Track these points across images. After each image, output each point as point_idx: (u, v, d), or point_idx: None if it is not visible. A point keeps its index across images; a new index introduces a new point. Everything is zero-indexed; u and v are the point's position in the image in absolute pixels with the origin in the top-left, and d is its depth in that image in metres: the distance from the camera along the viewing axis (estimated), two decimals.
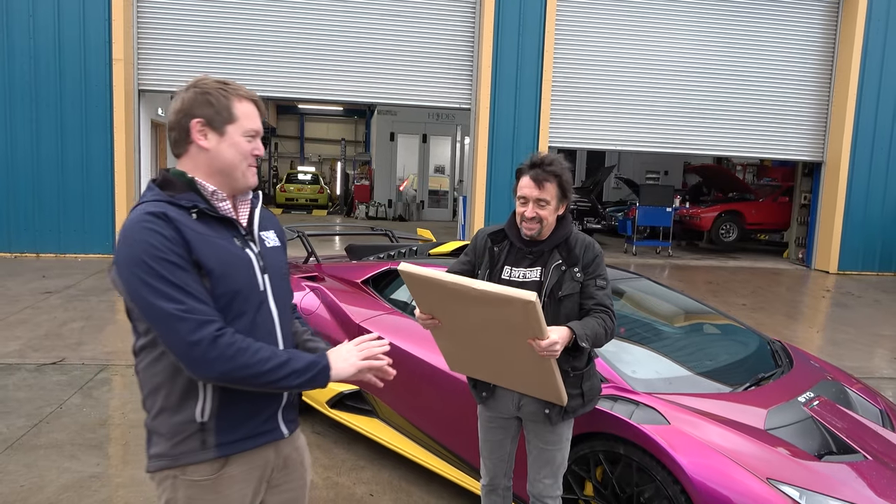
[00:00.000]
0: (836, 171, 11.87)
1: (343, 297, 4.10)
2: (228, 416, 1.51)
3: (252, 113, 1.57)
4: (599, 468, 2.66)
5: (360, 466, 3.72)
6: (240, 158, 1.56)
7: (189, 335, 1.40)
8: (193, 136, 1.53)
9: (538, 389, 2.20)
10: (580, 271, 2.28)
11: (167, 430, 1.50)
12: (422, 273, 2.02)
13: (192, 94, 1.53)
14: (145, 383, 1.53)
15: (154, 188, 1.52)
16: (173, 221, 1.45)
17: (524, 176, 2.30)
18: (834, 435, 2.68)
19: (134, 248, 1.41)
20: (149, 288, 1.40)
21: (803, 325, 8.09)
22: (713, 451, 2.38)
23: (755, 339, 3.63)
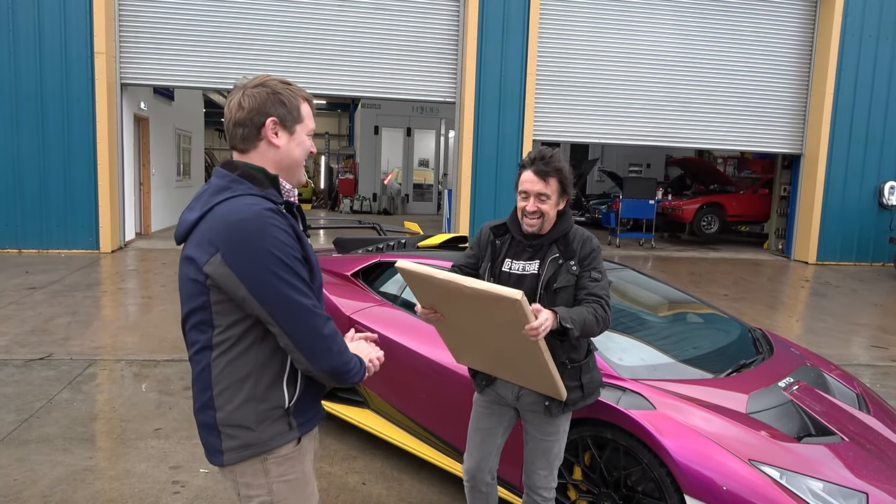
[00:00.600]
0: (815, 163, 12.09)
1: (333, 289, 4.14)
2: (303, 399, 1.65)
3: (310, 113, 1.67)
4: (588, 453, 2.74)
5: (352, 456, 3.77)
6: (304, 155, 1.66)
7: (322, 328, 1.52)
8: (267, 133, 1.59)
9: (537, 384, 2.25)
10: (576, 265, 2.33)
11: (254, 419, 1.57)
12: (418, 270, 2.09)
13: (263, 93, 1.59)
14: (223, 377, 1.56)
15: (242, 181, 1.56)
16: (288, 219, 1.55)
17: (526, 171, 2.35)
18: (812, 418, 2.77)
19: (266, 244, 1.46)
20: (286, 284, 1.48)
21: (783, 314, 8.26)
22: (697, 435, 2.46)
23: (737, 328, 3.73)
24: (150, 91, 12.14)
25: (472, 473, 2.51)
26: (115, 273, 8.70)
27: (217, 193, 1.55)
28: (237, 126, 1.60)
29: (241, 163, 1.61)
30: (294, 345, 1.52)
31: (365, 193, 20.77)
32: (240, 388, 1.56)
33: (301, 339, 1.51)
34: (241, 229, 1.47)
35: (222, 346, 1.56)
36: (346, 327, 3.89)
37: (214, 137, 26.57)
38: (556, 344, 2.24)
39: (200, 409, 1.62)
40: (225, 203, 1.52)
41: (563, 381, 2.33)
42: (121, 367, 5.12)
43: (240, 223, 1.47)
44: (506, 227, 2.46)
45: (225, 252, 1.47)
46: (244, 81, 1.63)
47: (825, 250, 12.21)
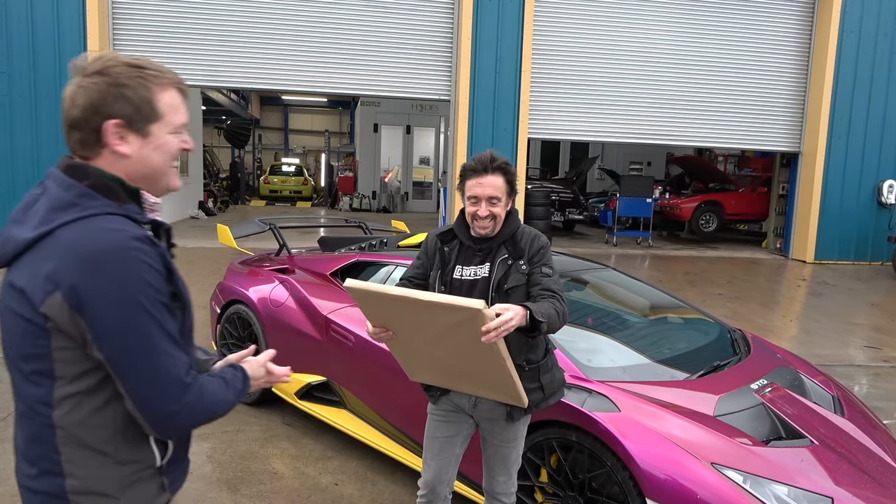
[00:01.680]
0: (813, 161, 12.01)
1: (311, 289, 4.12)
2: (176, 452, 1.39)
3: (177, 102, 1.31)
4: (553, 455, 2.71)
5: (328, 456, 3.75)
6: (167, 161, 1.31)
7: (174, 403, 1.22)
8: (109, 139, 1.23)
9: (498, 392, 2.20)
10: (525, 264, 2.29)
11: (116, 485, 1.27)
12: (370, 288, 2.03)
13: (101, 84, 1.21)
14: (76, 438, 1.23)
15: (95, 196, 1.22)
16: (158, 247, 1.22)
17: (474, 176, 2.29)
18: (783, 421, 2.74)
19: (129, 287, 1.16)
20: (143, 339, 1.19)
21: (778, 313, 8.20)
22: (660, 438, 2.43)
23: (715, 328, 3.69)
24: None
25: (430, 486, 2.40)
26: None
27: (60, 210, 1.20)
28: (72, 129, 1.24)
29: (92, 169, 1.24)
30: (136, 409, 1.23)
31: (364, 191, 20.76)
32: (95, 451, 1.25)
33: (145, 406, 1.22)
34: (98, 264, 1.15)
35: (67, 403, 1.22)
36: (322, 327, 3.87)
37: (213, 135, 26.60)
38: (512, 344, 2.20)
39: (40, 475, 1.25)
40: (73, 226, 1.18)
41: (522, 383, 2.29)
42: None
43: (96, 255, 1.15)
44: (453, 233, 2.41)
45: (70, 292, 1.15)
46: (82, 62, 1.25)
47: (823, 249, 12.14)
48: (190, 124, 4.69)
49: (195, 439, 3.86)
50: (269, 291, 4.30)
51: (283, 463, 3.67)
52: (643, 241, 13.60)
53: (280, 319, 4.13)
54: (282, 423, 4.16)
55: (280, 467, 3.62)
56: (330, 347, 3.79)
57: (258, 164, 29.09)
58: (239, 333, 4.45)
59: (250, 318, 4.33)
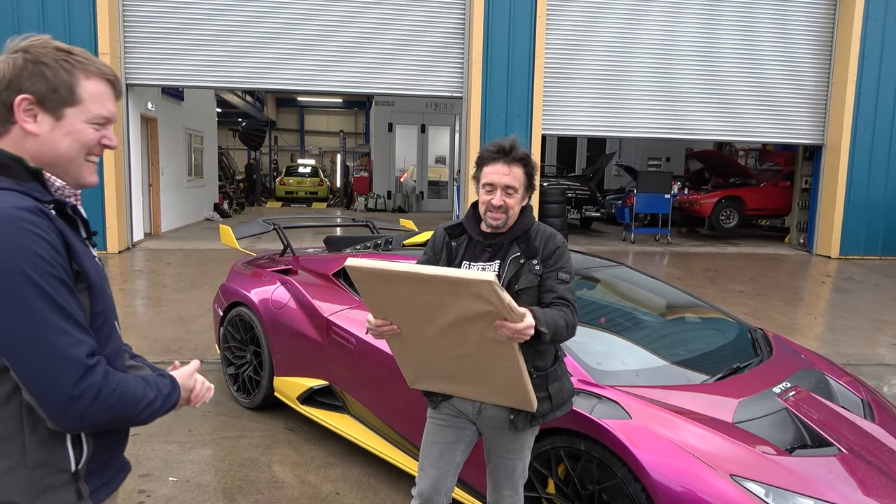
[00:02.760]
0: (837, 153, 11.66)
1: (313, 290, 3.99)
2: (100, 456, 1.28)
3: (103, 94, 1.27)
4: (561, 465, 2.55)
5: (330, 464, 3.62)
6: (77, 150, 1.26)
7: (73, 387, 1.12)
8: (17, 115, 1.20)
9: (505, 394, 2.03)
10: (539, 264, 2.14)
11: (25, 491, 1.17)
12: (370, 265, 1.85)
13: (21, 60, 1.20)
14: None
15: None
16: (54, 222, 1.16)
17: (492, 163, 2.16)
18: (809, 427, 2.55)
19: (14, 257, 1.08)
20: (30, 312, 1.09)
21: (801, 311, 7.93)
22: (675, 447, 2.26)
23: (734, 328, 3.50)
24: (158, 91, 12.14)
25: (426, 496, 2.23)
26: (120, 274, 8.68)
27: None
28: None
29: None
30: (33, 398, 1.12)
31: (380, 191, 20.68)
32: (1, 452, 1.16)
33: (42, 393, 1.11)
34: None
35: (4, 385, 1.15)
36: (324, 330, 3.75)
37: (229, 137, 26.71)
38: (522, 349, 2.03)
39: None
40: None
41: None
42: None
43: None
44: (462, 227, 2.26)
45: None
46: (13, 40, 1.24)
47: (849, 244, 11.78)
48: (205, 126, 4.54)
49: (196, 446, 3.77)
50: (270, 293, 4.19)
51: (283, 471, 3.55)
52: (662, 238, 13.33)
53: (282, 322, 4.01)
54: (284, 429, 4.04)
55: (281, 475, 3.50)
56: (332, 350, 3.67)
57: (274, 166, 29.17)
58: (241, 336, 4.34)
59: (252, 320, 4.22)
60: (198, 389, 1.44)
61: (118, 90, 1.34)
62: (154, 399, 1.27)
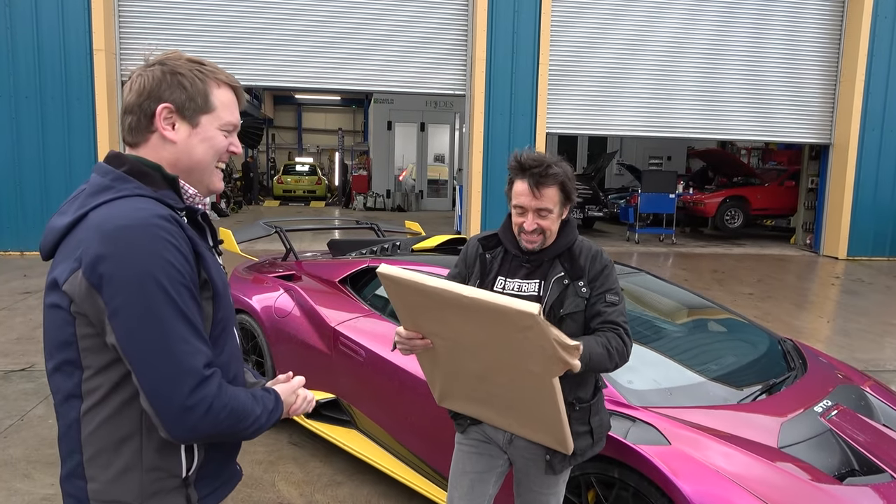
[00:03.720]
0: (845, 153, 11.50)
1: (319, 297, 3.80)
2: (209, 464, 1.31)
3: (231, 102, 1.33)
4: (591, 492, 2.37)
5: (338, 482, 3.44)
6: (212, 156, 1.31)
7: (188, 397, 1.14)
8: (158, 123, 1.26)
9: (539, 430, 1.86)
10: (585, 285, 1.95)
11: (136, 496, 1.22)
12: (405, 277, 1.66)
13: (159, 72, 1.27)
14: (96, 437, 1.21)
15: (129, 179, 1.23)
16: (185, 230, 1.20)
17: (519, 181, 1.94)
18: (855, 451, 2.38)
19: (148, 264, 1.12)
20: (157, 320, 1.13)
21: (812, 314, 7.78)
22: (718, 476, 2.08)
23: (764, 339, 3.32)
24: None
25: None
26: None
27: (96, 194, 1.21)
28: (126, 113, 1.27)
29: (130, 156, 1.27)
30: (148, 404, 1.15)
31: (379, 190, 20.46)
32: (118, 452, 1.21)
33: (158, 399, 1.14)
34: (119, 240, 1.12)
35: (93, 396, 1.19)
36: (331, 340, 3.56)
37: None
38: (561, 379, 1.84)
39: (67, 477, 1.25)
40: (104, 206, 1.18)
41: (572, 425, 1.95)
42: None
43: (117, 232, 1.13)
44: (497, 238, 2.07)
45: (89, 267, 1.12)
46: (149, 58, 1.31)
47: (856, 245, 11.62)
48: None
49: None
50: (273, 300, 4.00)
51: (289, 489, 3.37)
52: (666, 239, 13.16)
53: (285, 331, 3.82)
54: (288, 443, 3.86)
55: (286, 495, 3.31)
56: (339, 362, 3.48)
57: (272, 164, 28.91)
58: (242, 345, 4.15)
59: (254, 329, 4.03)
60: (298, 405, 1.44)
61: (242, 98, 1.37)
62: (260, 415, 1.28)
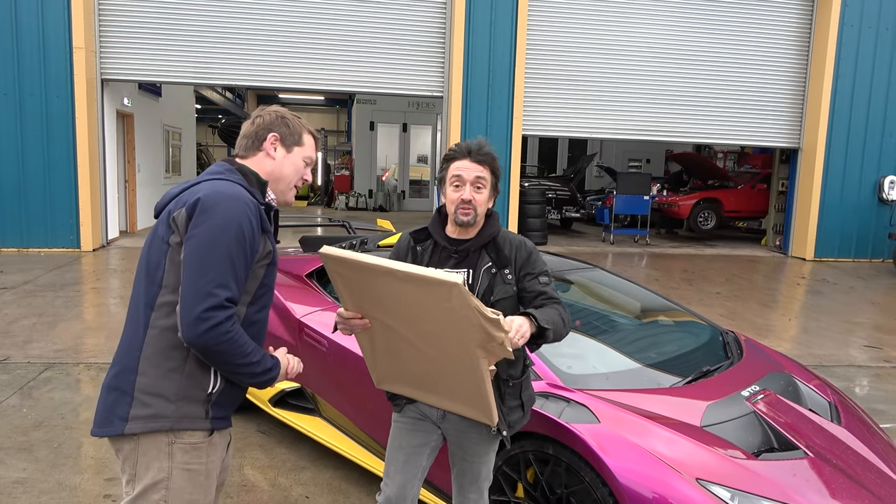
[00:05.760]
0: (812, 157, 11.82)
1: (286, 291, 3.95)
2: (224, 394, 1.70)
3: (313, 145, 1.91)
4: (530, 469, 2.54)
5: (301, 467, 3.58)
6: (294, 176, 1.87)
7: (203, 311, 1.54)
8: (266, 145, 1.83)
9: (468, 406, 2.00)
10: (512, 273, 2.12)
11: (174, 392, 1.61)
12: (344, 255, 1.82)
13: (273, 115, 1.86)
14: (159, 339, 1.61)
15: (236, 173, 1.75)
16: (261, 212, 1.70)
17: (459, 159, 2.13)
18: (776, 431, 2.57)
19: (227, 218, 1.59)
20: (211, 253, 1.57)
21: (777, 312, 8.02)
22: (642, 452, 2.26)
23: (707, 331, 3.52)
24: (135, 87, 11.96)
25: (392, 502, 2.20)
26: (93, 272, 8.54)
27: (211, 174, 1.74)
28: (244, 137, 1.84)
29: (238, 162, 1.82)
30: (179, 304, 1.57)
31: (361, 190, 20.57)
32: (169, 356, 1.61)
33: (183, 304, 1.55)
34: (216, 197, 1.61)
35: (164, 309, 1.62)
36: (296, 331, 3.70)
37: (208, 134, 26.42)
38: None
39: (120, 373, 1.63)
40: (214, 181, 1.69)
41: (505, 399, 2.12)
42: (78, 371, 4.95)
43: (216, 194, 1.63)
44: (427, 232, 2.24)
45: (192, 205, 1.61)
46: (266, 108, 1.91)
47: (823, 246, 11.95)
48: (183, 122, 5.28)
49: None
50: None
51: (254, 473, 3.51)
52: (641, 239, 13.42)
53: None
54: (256, 431, 4.00)
55: (251, 478, 3.46)
56: (304, 352, 3.62)
57: None
58: None
59: None
60: (293, 366, 1.85)
61: (319, 143, 1.96)
62: (257, 363, 1.66)
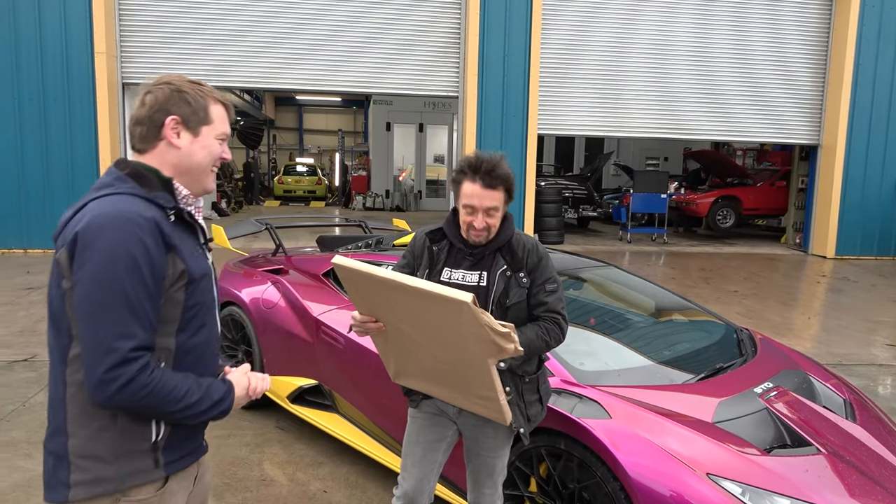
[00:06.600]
0: (833, 153, 11.68)
1: (303, 290, 4.01)
2: (176, 436, 1.49)
3: (224, 116, 1.58)
4: (543, 464, 2.58)
5: (319, 462, 3.65)
6: (208, 161, 1.55)
7: (105, 372, 1.32)
8: (166, 132, 1.49)
9: (481, 405, 2.04)
10: (526, 276, 2.16)
11: (110, 452, 1.40)
12: (357, 267, 1.88)
13: (167, 90, 1.50)
14: (79, 397, 1.39)
15: (128, 180, 1.45)
16: (161, 228, 1.40)
17: (470, 183, 2.09)
18: (789, 427, 2.57)
19: (116, 247, 1.33)
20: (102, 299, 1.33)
21: (796, 311, 7.95)
22: (653, 447, 2.28)
23: (720, 328, 3.52)
24: None
25: (410, 497, 2.25)
26: None
27: (97, 190, 1.44)
28: (136, 124, 1.51)
29: (132, 161, 1.50)
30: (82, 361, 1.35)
31: (378, 190, 20.68)
32: (95, 415, 1.39)
33: (86, 366, 1.33)
34: (96, 226, 1.34)
35: (77, 363, 1.38)
36: (313, 329, 3.77)
37: None
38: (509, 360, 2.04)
39: (52, 434, 1.44)
40: (100, 199, 1.40)
41: (524, 395, 2.17)
42: None
43: (97, 220, 1.35)
44: (442, 232, 2.26)
45: (71, 242, 1.35)
46: (156, 79, 1.54)
47: (844, 244, 11.80)
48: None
49: None
50: (261, 293, 4.21)
51: (273, 469, 3.58)
52: (658, 238, 13.35)
53: (272, 321, 4.03)
54: (275, 428, 4.07)
55: (270, 473, 3.53)
56: (321, 350, 3.69)
57: (273, 165, 29.16)
58: (232, 336, 4.37)
59: (243, 319, 4.24)
60: (255, 384, 1.61)
61: (231, 113, 1.62)
62: (198, 402, 1.44)
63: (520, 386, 2.16)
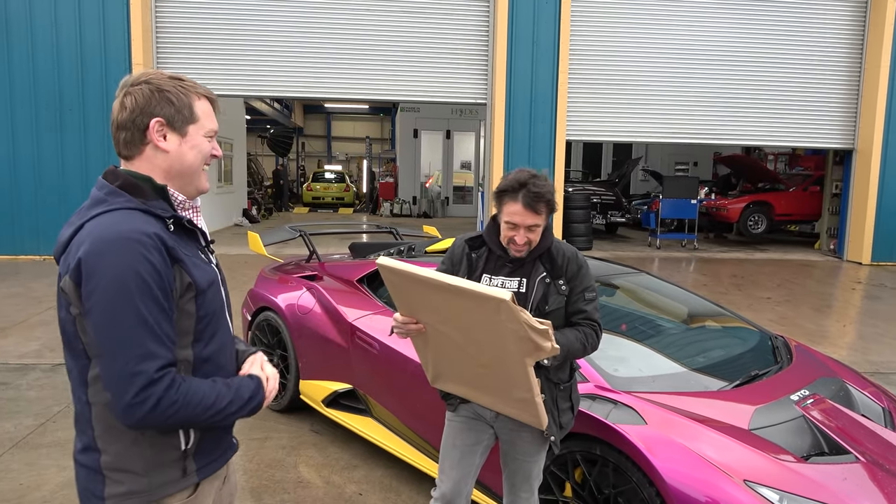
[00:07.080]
0: (868, 158, 11.46)
1: (338, 296, 4.09)
2: (206, 441, 1.48)
3: (210, 112, 1.50)
4: (578, 469, 2.60)
5: (353, 465, 3.71)
6: (200, 160, 1.47)
7: (134, 396, 1.29)
8: (151, 136, 1.40)
9: (518, 409, 2.08)
10: (565, 284, 2.20)
11: (141, 466, 1.39)
12: (400, 267, 1.95)
13: (146, 90, 1.40)
14: (106, 415, 1.36)
15: (121, 193, 1.37)
16: (165, 242, 1.35)
17: (513, 202, 2.13)
18: (826, 435, 2.56)
19: (125, 270, 1.28)
20: (118, 324, 1.28)
21: (831, 318, 7.82)
22: (689, 453, 2.30)
23: (755, 335, 3.51)
24: None
25: (448, 499, 2.30)
26: None
27: (92, 207, 1.38)
28: (119, 129, 1.41)
29: (123, 171, 1.42)
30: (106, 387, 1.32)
31: (405, 197, 20.83)
32: (125, 430, 1.36)
33: (110, 390, 1.30)
34: (101, 249, 1.29)
35: (98, 383, 1.36)
36: (348, 334, 3.84)
37: (257, 144, 27.15)
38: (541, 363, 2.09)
39: (83, 450, 1.42)
40: (96, 219, 1.34)
41: (557, 402, 2.21)
42: None
43: (101, 243, 1.29)
44: (482, 239, 2.31)
45: (75, 269, 1.30)
46: (127, 78, 1.44)
47: (881, 250, 11.56)
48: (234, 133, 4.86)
49: None
50: (296, 298, 4.30)
51: (309, 471, 3.65)
52: (688, 244, 13.22)
53: (307, 326, 4.12)
54: (310, 431, 4.15)
55: (306, 476, 3.60)
56: (355, 355, 3.76)
57: (301, 172, 29.54)
58: (268, 340, 4.47)
59: (279, 325, 4.34)
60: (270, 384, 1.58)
61: (217, 107, 1.53)
62: (229, 403, 1.43)
63: (554, 393, 2.20)
